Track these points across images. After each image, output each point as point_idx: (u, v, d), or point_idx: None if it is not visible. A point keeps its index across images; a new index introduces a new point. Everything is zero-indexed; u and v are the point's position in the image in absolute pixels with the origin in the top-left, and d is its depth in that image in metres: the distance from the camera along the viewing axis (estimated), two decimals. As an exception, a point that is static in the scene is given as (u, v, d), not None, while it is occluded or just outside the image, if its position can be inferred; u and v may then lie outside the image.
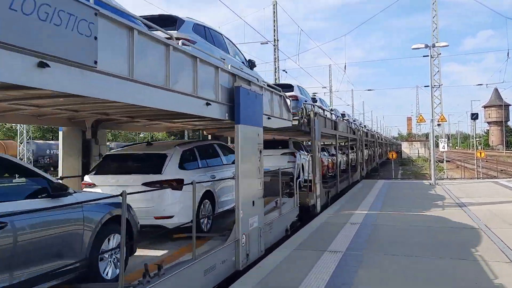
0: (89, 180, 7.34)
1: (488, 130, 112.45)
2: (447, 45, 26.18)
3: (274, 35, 29.53)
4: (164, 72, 5.51)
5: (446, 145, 29.23)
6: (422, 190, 20.12)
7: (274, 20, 29.51)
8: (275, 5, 29.73)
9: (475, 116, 40.35)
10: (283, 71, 32.65)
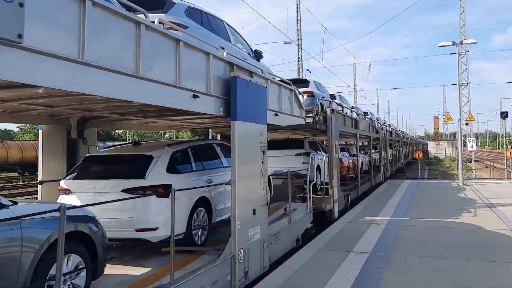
0: (64, 185, 6.40)
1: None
2: (475, 42, 25.43)
3: (297, 35, 28.88)
4: (132, 55, 4.51)
5: (474, 145, 28.37)
6: (449, 190, 19.71)
7: (297, 19, 28.84)
8: (299, 4, 28.95)
9: (505, 114, 38.11)
10: (307, 70, 32.07)
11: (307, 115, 11.82)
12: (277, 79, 9.33)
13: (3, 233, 3.60)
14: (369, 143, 24.45)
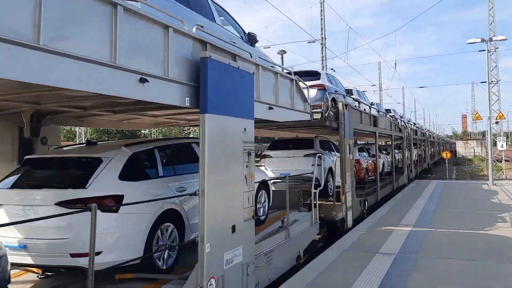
0: (-10, 196, 5.09)
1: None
2: (505, 39, 24.15)
3: (321, 34, 27.95)
4: (28, 17, 3.15)
5: (504, 144, 27.35)
6: (479, 191, 19.11)
7: (321, 18, 27.93)
8: (323, 3, 28.03)
9: (537, 112, 35.70)
10: (331, 69, 31.04)
11: (316, 110, 10.30)
12: (276, 67, 7.88)
13: None
14: (392, 143, 22.67)
